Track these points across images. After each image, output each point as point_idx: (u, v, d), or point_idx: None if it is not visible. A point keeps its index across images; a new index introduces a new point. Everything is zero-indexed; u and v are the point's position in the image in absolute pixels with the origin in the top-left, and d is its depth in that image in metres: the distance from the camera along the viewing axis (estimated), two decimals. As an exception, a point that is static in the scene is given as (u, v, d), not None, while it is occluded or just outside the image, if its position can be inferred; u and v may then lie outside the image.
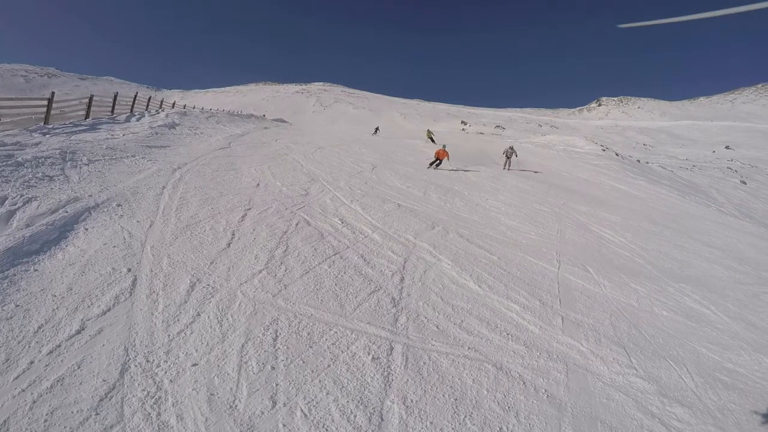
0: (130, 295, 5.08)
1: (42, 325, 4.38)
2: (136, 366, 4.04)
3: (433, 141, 34.08)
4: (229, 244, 6.81)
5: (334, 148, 22.39)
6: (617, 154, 39.48)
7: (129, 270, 5.63)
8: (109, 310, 4.76)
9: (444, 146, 20.50)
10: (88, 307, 4.76)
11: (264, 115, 70.67)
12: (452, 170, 19.64)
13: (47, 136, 11.81)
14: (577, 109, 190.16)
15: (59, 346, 4.13)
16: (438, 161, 19.78)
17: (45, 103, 14.44)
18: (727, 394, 5.02)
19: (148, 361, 4.13)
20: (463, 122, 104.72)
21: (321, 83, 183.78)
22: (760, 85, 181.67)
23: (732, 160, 67.83)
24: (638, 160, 41.91)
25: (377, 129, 49.39)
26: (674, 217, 17.44)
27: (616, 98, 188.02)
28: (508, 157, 23.73)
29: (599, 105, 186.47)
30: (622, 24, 4.07)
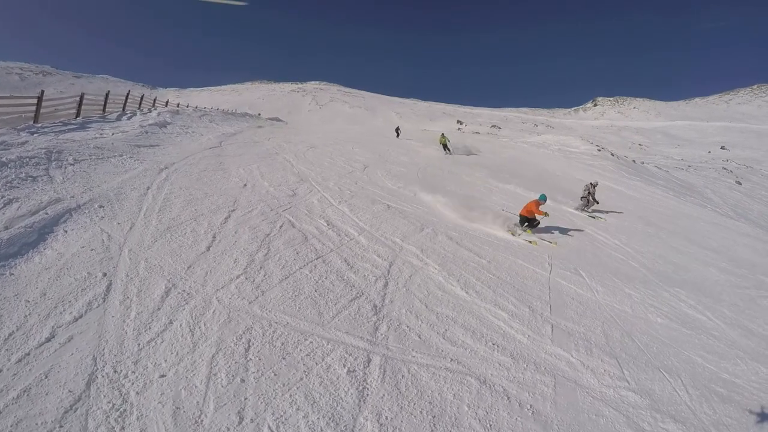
0: (104, 302, 4.87)
1: (13, 332, 4.20)
2: (103, 377, 3.85)
3: (446, 149, 27.20)
4: (208, 248, 6.57)
5: (327, 147, 22.15)
6: (613, 155, 39.35)
7: (104, 274, 5.40)
8: (80, 317, 4.56)
9: (542, 198, 11.41)
10: (60, 313, 4.56)
11: (259, 114, 70.30)
12: (451, 172, 19.37)
13: (35, 135, 11.53)
14: (573, 109, 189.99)
15: (28, 354, 3.97)
16: (527, 222, 10.97)
17: (35, 101, 14.11)
18: (723, 407, 4.81)
19: (115, 371, 3.93)
20: (459, 122, 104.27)
21: (317, 82, 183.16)
22: (755, 86, 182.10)
23: (727, 161, 67.87)
24: (634, 161, 41.83)
25: (398, 130, 39.96)
26: (670, 218, 17.29)
27: (611, 98, 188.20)
28: (588, 200, 15.54)
29: (595, 105, 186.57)
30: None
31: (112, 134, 14.25)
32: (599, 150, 39.90)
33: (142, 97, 28.38)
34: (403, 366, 4.55)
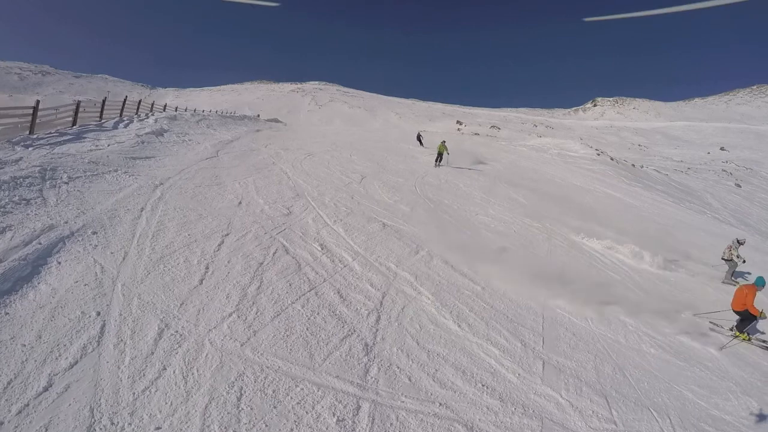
0: (98, 345, 4.82)
1: (12, 380, 4.17)
2: (100, 429, 3.85)
3: (439, 159, 23.83)
4: (201, 281, 6.52)
5: (325, 154, 22.15)
6: (612, 159, 39.37)
7: (98, 314, 5.35)
8: (76, 362, 4.52)
9: (760, 283, 8.42)
10: (56, 359, 4.53)
11: (258, 115, 70.17)
12: (448, 182, 19.30)
13: (30, 149, 11.45)
14: (573, 109, 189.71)
15: (27, 405, 3.94)
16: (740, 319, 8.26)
17: (30, 111, 13.96)
18: (711, 449, 4.83)
19: (112, 423, 3.93)
20: (458, 122, 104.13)
21: (316, 82, 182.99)
22: (755, 87, 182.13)
23: (727, 162, 67.96)
24: (633, 165, 41.81)
25: (420, 138, 35.28)
26: (669, 228, 17.28)
27: (611, 99, 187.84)
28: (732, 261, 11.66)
29: (594, 105, 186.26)
30: (588, 17, 4.06)
31: (108, 146, 14.17)
32: (598, 154, 39.91)
33: (139, 103, 28.35)
34: (392, 413, 4.55)
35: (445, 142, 24.78)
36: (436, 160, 23.71)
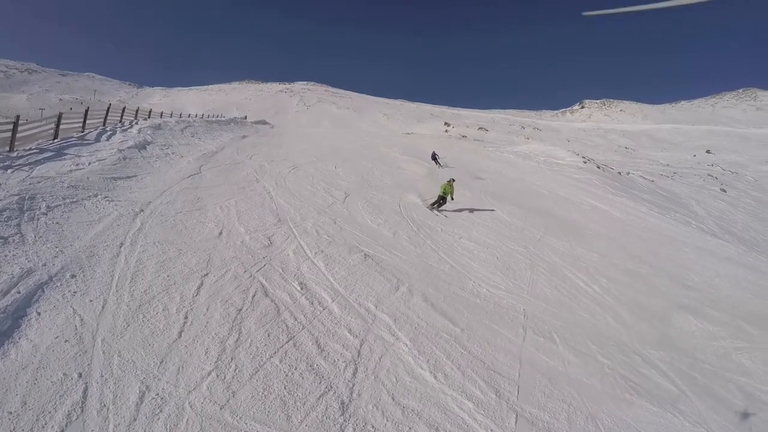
0: (82, 412, 4.74)
1: None
2: None
3: (439, 202, 17.54)
4: (180, 333, 6.40)
5: (310, 167, 22.16)
6: (598, 167, 39.69)
7: (80, 375, 5.23)
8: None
9: None
10: (42, 428, 4.46)
11: (245, 117, 69.93)
12: (435, 196, 19.29)
13: (9, 171, 11.21)
14: (560, 111, 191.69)
15: None
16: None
17: (10, 126, 13.68)
18: None
19: (100, 503, 3.92)
20: (446, 123, 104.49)
21: (304, 82, 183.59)
22: (741, 90, 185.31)
23: (712, 165, 68.88)
24: (619, 172, 42.16)
25: (436, 157, 31.39)
26: (653, 245, 17.46)
27: (598, 101, 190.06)
28: None
29: (582, 107, 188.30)
30: (587, 12, 4.17)
31: (89, 164, 13.92)
32: (585, 162, 40.24)
33: (123, 110, 28.23)
34: (365, 484, 4.58)
35: (453, 181, 18.65)
36: (433, 204, 17.63)
